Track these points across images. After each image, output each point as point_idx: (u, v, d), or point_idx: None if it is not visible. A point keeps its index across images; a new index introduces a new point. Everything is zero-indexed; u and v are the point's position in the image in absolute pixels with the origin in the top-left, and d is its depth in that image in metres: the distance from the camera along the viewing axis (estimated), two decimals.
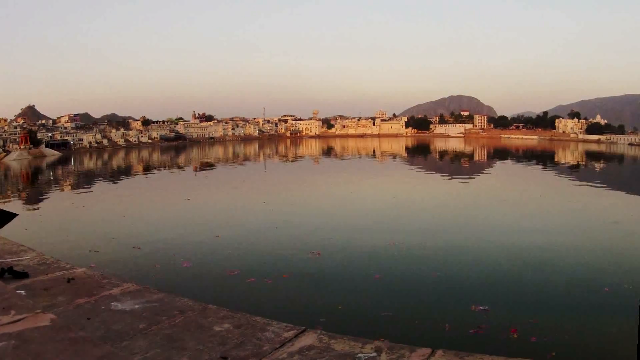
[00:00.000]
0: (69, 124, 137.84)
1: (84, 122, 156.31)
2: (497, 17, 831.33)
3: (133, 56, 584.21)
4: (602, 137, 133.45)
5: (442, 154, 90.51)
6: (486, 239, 18.46)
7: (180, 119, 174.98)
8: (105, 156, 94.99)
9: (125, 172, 60.76)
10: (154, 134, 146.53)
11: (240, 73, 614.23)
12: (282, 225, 21.36)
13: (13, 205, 29.80)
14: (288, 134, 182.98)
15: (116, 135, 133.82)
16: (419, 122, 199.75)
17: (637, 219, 22.72)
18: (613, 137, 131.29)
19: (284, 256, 15.97)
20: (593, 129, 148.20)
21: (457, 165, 65.23)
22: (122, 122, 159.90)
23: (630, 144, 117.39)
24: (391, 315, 11.03)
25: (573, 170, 55.42)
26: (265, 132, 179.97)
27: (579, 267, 14.51)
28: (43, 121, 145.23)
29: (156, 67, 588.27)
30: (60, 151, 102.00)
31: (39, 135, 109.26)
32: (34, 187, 46.35)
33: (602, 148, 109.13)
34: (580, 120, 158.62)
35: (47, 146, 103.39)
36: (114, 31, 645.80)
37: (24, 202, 33.95)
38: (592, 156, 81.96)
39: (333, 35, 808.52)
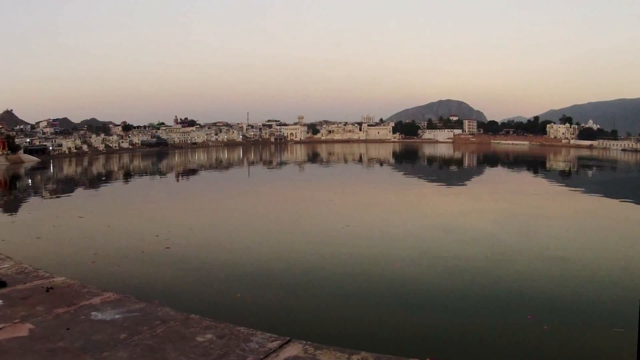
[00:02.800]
0: (48, 129, 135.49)
1: (63, 127, 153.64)
2: (486, 21, 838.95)
3: (113, 60, 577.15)
4: (595, 143, 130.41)
5: (432, 160, 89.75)
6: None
7: (162, 124, 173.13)
8: (85, 162, 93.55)
9: (106, 178, 59.92)
10: (135, 140, 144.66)
11: (223, 77, 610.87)
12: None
13: None
14: (272, 139, 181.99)
15: (96, 140, 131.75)
16: (406, 127, 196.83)
17: None
18: (606, 143, 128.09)
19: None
20: (585, 134, 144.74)
21: (447, 172, 65.74)
22: (102, 127, 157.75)
23: (624, 150, 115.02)
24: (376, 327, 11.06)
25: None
26: (249, 138, 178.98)
27: None
28: (21, 126, 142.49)
29: (137, 71, 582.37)
30: (39, 157, 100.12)
31: (17, 141, 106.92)
32: (12, 194, 45.45)
33: (595, 154, 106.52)
34: (572, 126, 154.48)
35: (25, 152, 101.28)
36: (93, 34, 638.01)
37: (1, 209, 33.23)
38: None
39: (317, 38, 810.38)
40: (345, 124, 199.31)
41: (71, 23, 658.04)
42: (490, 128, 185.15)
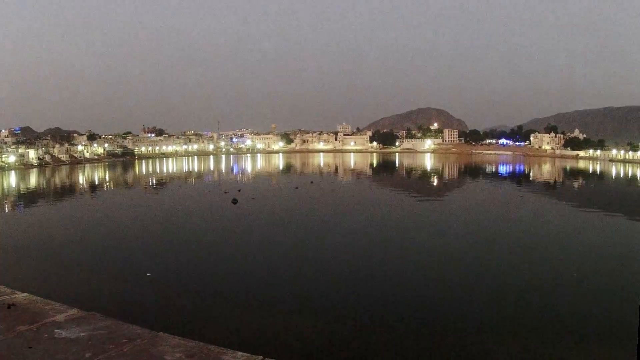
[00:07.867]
0: (9, 139, 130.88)
1: (25, 136, 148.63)
2: (475, 23, 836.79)
3: (80, 66, 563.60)
4: (581, 153, 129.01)
5: (410, 171, 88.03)
6: None
7: (129, 133, 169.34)
8: (47, 173, 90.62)
9: (69, 191, 58.29)
10: (100, 150, 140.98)
11: (193, 83, 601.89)
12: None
13: None
14: (245, 149, 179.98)
15: (60, 150, 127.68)
16: (384, 136, 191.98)
17: None
18: (593, 153, 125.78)
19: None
20: (571, 143, 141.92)
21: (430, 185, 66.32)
22: (66, 137, 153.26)
23: (611, 160, 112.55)
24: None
25: None
26: (220, 148, 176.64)
27: None
28: None
29: (104, 76, 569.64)
30: None
31: None
32: None
33: (582, 165, 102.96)
34: (557, 135, 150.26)
35: None
36: (59, 38, 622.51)
37: None
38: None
39: (293, 39, 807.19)
40: (321, 133, 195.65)
41: (36, 27, 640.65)
42: (472, 137, 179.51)
